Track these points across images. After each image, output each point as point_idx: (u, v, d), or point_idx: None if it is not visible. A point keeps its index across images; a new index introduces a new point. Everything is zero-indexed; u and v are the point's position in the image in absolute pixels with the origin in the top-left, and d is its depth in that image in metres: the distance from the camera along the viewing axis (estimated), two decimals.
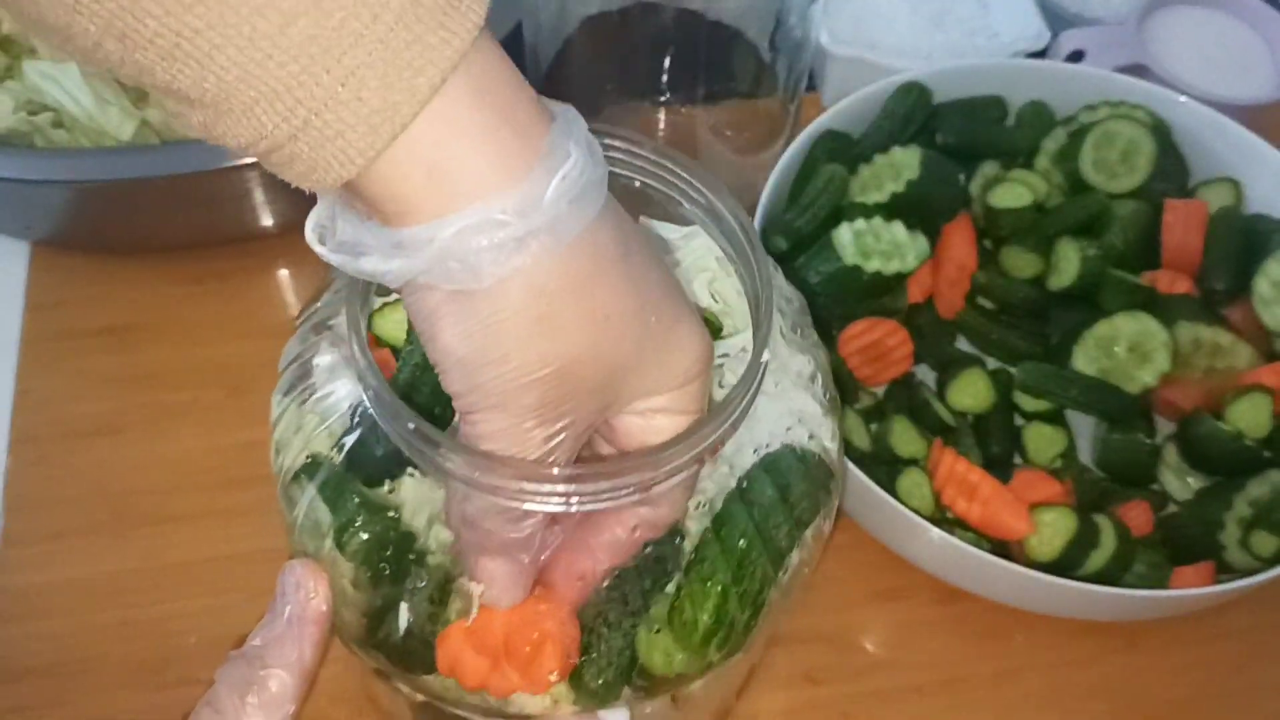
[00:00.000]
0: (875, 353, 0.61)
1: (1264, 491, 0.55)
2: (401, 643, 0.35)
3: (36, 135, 0.64)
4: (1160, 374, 0.58)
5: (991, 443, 0.60)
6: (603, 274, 0.29)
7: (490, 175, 0.27)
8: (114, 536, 0.58)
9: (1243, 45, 0.78)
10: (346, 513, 0.35)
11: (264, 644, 0.33)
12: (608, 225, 0.29)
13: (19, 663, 0.54)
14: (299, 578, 0.34)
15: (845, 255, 0.60)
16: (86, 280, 0.67)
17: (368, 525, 0.35)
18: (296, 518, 0.36)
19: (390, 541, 0.35)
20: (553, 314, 0.28)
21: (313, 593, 0.34)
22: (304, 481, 0.36)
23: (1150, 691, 0.56)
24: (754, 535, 0.35)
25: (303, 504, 0.35)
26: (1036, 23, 0.77)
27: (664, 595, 0.35)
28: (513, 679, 0.34)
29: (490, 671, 0.34)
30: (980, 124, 0.68)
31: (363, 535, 0.35)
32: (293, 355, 0.39)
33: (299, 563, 0.34)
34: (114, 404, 0.63)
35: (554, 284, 0.28)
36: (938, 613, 0.58)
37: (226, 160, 0.60)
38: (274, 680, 0.33)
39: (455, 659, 0.34)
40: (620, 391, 0.31)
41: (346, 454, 0.36)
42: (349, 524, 0.34)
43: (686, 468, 0.31)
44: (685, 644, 0.35)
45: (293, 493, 0.36)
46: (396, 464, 0.36)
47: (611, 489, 0.30)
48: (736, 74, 0.67)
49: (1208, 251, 0.63)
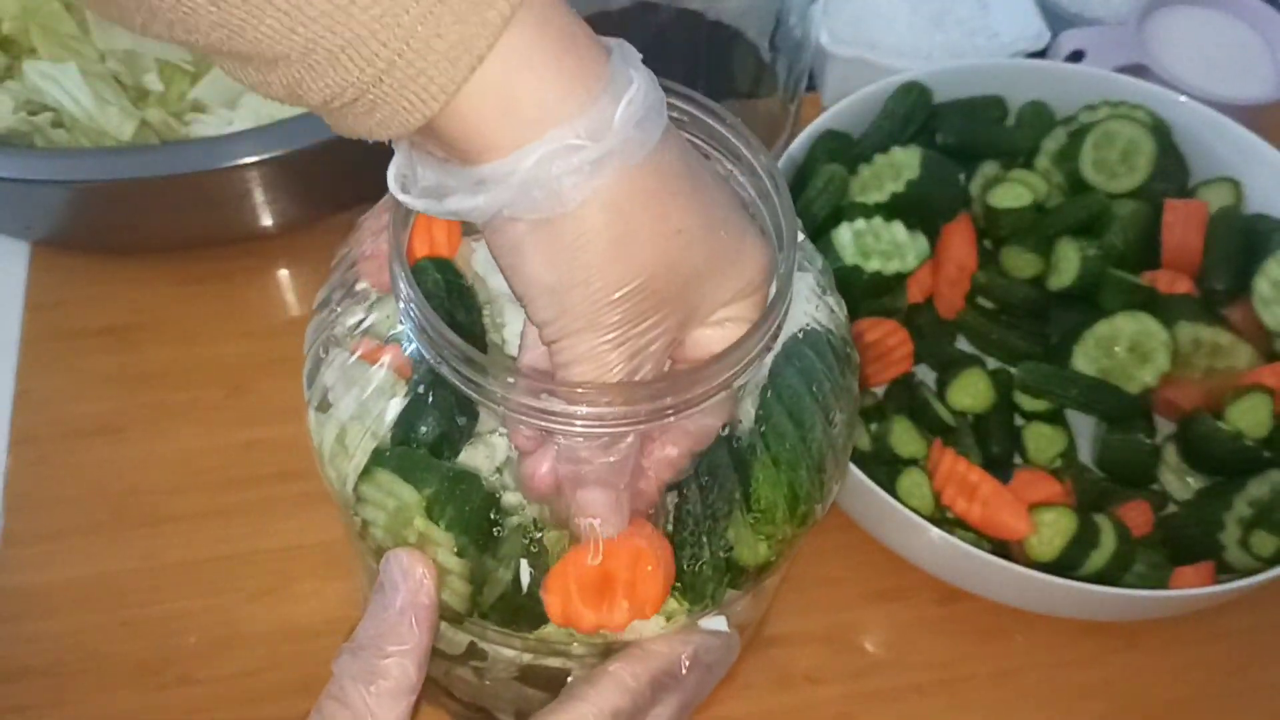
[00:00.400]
0: (875, 353, 0.61)
1: (1264, 491, 0.55)
2: (518, 601, 0.36)
3: (36, 135, 0.64)
4: (1160, 374, 0.58)
5: (991, 443, 0.60)
6: (672, 192, 0.30)
7: (561, 103, 0.28)
8: (114, 536, 0.58)
9: (1243, 45, 0.78)
10: (431, 484, 0.35)
11: (379, 633, 0.34)
12: (671, 146, 0.31)
13: (19, 663, 0.54)
14: (405, 565, 0.34)
15: (845, 255, 0.60)
16: (86, 280, 0.67)
17: (456, 491, 0.35)
18: (378, 514, 0.36)
19: (483, 502, 0.35)
20: (630, 232, 0.29)
21: (423, 576, 0.34)
22: (376, 473, 0.36)
23: (1150, 692, 0.56)
24: (808, 403, 0.37)
25: (380, 495, 0.36)
26: (1036, 23, 0.77)
27: (738, 488, 0.36)
28: (624, 609, 0.34)
29: (602, 607, 0.34)
30: (980, 124, 0.68)
31: (455, 503, 0.35)
32: (311, 372, 0.39)
33: (403, 551, 0.35)
34: (114, 404, 0.63)
35: (629, 203, 0.29)
36: (938, 613, 0.58)
37: (226, 160, 0.60)
38: (395, 667, 0.33)
39: (565, 604, 0.35)
40: (697, 305, 0.32)
41: (404, 437, 0.36)
42: (438, 495, 0.35)
43: (759, 357, 0.33)
44: (770, 528, 0.36)
45: (365, 491, 0.36)
46: (453, 439, 0.37)
47: (704, 393, 0.32)
48: (736, 74, 0.67)
49: (1208, 251, 0.63)
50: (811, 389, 0.37)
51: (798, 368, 0.38)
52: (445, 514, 0.35)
